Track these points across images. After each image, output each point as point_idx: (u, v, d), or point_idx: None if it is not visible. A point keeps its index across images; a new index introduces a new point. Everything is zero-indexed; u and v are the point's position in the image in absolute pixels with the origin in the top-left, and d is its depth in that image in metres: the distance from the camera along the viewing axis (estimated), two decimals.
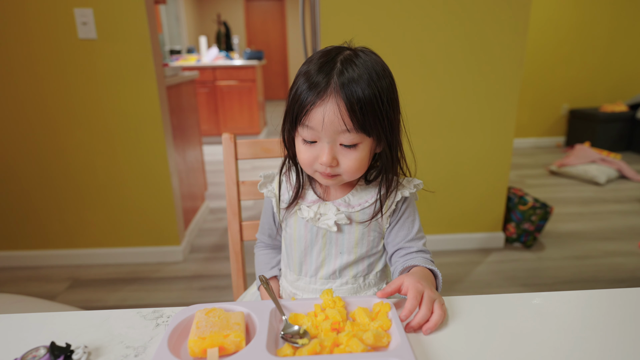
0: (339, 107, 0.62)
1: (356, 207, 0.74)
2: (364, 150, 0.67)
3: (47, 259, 2.14)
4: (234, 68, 4.60)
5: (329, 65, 0.64)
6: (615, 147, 4.10)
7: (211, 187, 3.24)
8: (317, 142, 0.66)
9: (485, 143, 2.08)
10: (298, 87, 0.65)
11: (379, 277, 0.80)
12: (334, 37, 1.87)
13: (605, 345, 0.53)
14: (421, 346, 0.54)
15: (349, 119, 0.62)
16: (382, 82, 0.65)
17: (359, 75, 0.63)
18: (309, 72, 0.65)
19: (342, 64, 0.64)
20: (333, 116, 0.62)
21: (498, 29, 1.90)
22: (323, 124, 0.63)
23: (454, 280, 1.97)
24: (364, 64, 0.64)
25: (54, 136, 1.97)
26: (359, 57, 0.65)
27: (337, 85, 0.62)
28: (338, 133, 0.64)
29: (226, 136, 0.93)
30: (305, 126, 0.65)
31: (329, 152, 0.65)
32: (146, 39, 1.86)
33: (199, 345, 0.50)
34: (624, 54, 4.27)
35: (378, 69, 0.66)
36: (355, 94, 0.62)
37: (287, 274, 0.80)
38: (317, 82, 0.63)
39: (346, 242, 0.75)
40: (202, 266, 2.12)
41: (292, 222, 0.77)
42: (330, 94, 0.62)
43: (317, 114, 0.63)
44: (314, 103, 0.63)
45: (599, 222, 2.58)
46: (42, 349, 0.50)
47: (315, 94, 0.63)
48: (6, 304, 1.17)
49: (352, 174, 0.68)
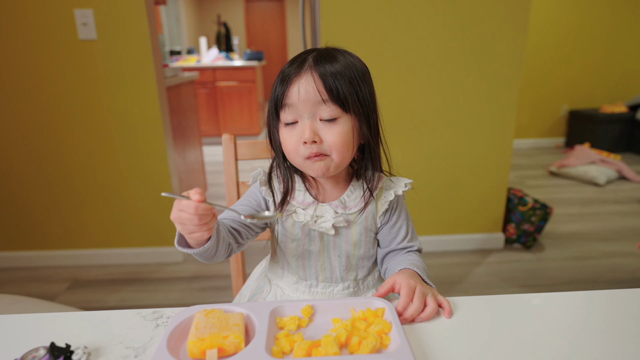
0: (313, 79, 0.65)
1: (352, 208, 0.74)
2: (346, 125, 0.67)
3: (47, 259, 2.14)
4: (233, 69, 4.61)
5: (304, 54, 0.69)
6: (615, 148, 4.11)
7: (211, 187, 3.24)
8: (297, 122, 0.67)
9: (485, 144, 2.08)
10: (274, 83, 0.69)
11: (377, 278, 0.80)
12: (334, 38, 1.87)
13: (605, 346, 0.53)
14: (421, 347, 0.54)
15: (324, 89, 0.65)
16: (357, 69, 0.68)
17: (335, 60, 0.67)
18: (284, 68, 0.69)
19: (318, 52, 0.68)
20: (308, 86, 0.65)
21: (498, 30, 1.90)
22: (299, 96, 0.65)
23: (453, 281, 1.97)
24: (340, 54, 0.69)
25: (54, 137, 1.97)
26: (335, 50, 0.70)
27: (311, 63, 0.66)
28: (315, 105, 0.65)
29: (226, 137, 0.93)
30: (284, 106, 0.67)
31: (310, 127, 0.66)
32: (146, 39, 1.86)
33: (198, 346, 0.50)
34: (624, 55, 4.27)
35: (354, 60, 0.69)
36: (330, 67, 0.65)
37: (286, 276, 0.79)
38: (291, 69, 0.67)
39: (344, 244, 0.75)
40: (201, 267, 2.12)
41: (287, 225, 0.75)
42: (306, 70, 0.66)
43: (294, 89, 0.66)
44: (289, 81, 0.66)
45: (598, 223, 2.58)
46: (41, 350, 0.50)
47: (292, 74, 0.66)
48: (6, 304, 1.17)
49: (339, 151, 0.67)
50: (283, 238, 0.76)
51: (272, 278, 0.82)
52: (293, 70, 0.67)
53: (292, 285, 0.78)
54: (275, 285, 0.81)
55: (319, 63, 0.66)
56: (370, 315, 0.58)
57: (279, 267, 0.81)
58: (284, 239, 0.76)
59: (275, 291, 0.80)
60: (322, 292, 0.76)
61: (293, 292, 0.78)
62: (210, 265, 2.13)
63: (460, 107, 2.01)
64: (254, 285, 0.87)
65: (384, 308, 0.59)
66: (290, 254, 0.76)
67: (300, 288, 0.77)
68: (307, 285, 0.77)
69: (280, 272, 0.80)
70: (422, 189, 2.12)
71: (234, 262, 0.98)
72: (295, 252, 0.76)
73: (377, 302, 0.60)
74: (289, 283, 0.78)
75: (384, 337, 0.54)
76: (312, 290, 0.77)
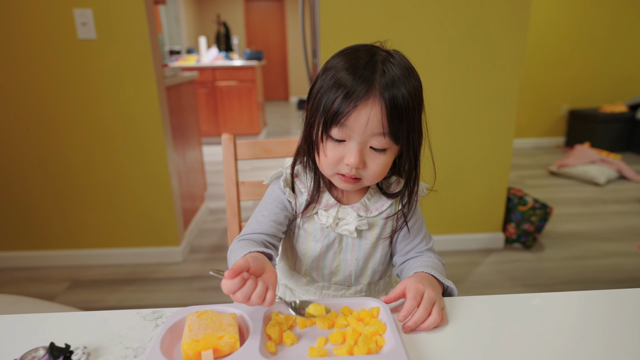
0: (381, 110, 0.60)
1: (374, 211, 0.73)
2: (390, 157, 0.66)
3: (46, 259, 2.14)
4: (233, 68, 4.60)
5: (368, 68, 0.61)
6: (615, 148, 4.10)
7: (211, 187, 3.24)
8: (345, 141, 0.63)
9: (485, 143, 2.08)
10: (330, 81, 0.62)
11: (387, 282, 0.80)
12: (334, 37, 1.87)
13: (605, 346, 0.53)
14: (417, 348, 0.53)
15: (387, 122, 0.61)
16: (418, 90, 0.65)
17: (399, 78, 0.62)
18: (342, 75, 0.61)
19: (383, 65, 0.62)
20: (374, 118, 0.60)
21: (498, 30, 1.90)
22: (360, 124, 0.61)
23: (453, 281, 1.95)
24: (408, 74, 0.63)
25: (53, 137, 1.97)
26: (402, 66, 0.64)
27: (381, 90, 0.60)
28: (373, 135, 0.62)
29: (226, 137, 0.92)
30: (340, 125, 0.62)
31: (358, 153, 0.63)
32: (146, 39, 1.86)
33: (193, 347, 0.50)
34: (624, 55, 4.27)
35: (417, 82, 0.65)
36: (397, 99, 0.61)
37: (296, 277, 0.78)
38: (356, 86, 0.60)
39: (363, 247, 0.73)
40: (201, 267, 2.12)
41: (307, 227, 0.73)
42: (374, 97, 0.60)
43: (358, 115, 0.60)
44: (356, 105, 0.60)
45: (598, 222, 2.58)
46: (41, 350, 0.50)
47: (357, 94, 0.60)
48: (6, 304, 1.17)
49: (374, 178, 0.66)
50: (301, 239, 0.75)
51: (281, 278, 0.81)
52: (359, 89, 0.60)
53: (302, 287, 0.77)
54: (284, 286, 0.80)
55: (389, 89, 0.60)
56: (365, 316, 0.58)
57: (289, 268, 0.79)
58: (303, 240, 0.75)
59: (284, 292, 0.79)
60: (334, 294, 0.75)
61: (303, 294, 0.77)
62: (210, 265, 2.13)
63: (460, 107, 2.01)
64: None
65: (379, 307, 0.59)
66: (306, 255, 0.75)
67: (311, 290, 0.76)
68: (319, 287, 0.76)
69: (291, 272, 0.79)
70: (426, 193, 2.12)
71: None
72: (312, 252, 0.74)
73: (372, 302, 0.60)
74: (300, 284, 0.77)
75: (378, 338, 0.54)
76: (324, 292, 0.76)
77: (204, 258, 2.21)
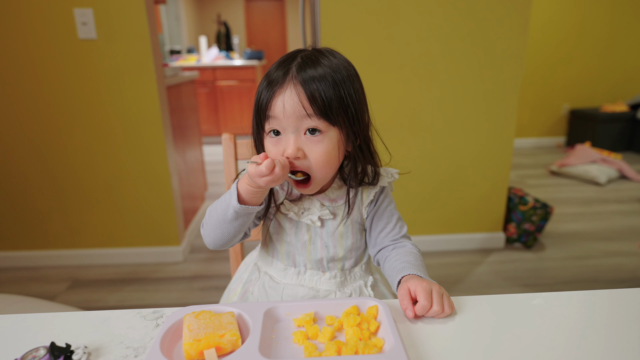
0: (297, 92, 0.64)
1: (339, 201, 0.75)
2: (331, 142, 0.67)
3: (47, 259, 2.14)
4: (234, 68, 4.61)
5: (289, 60, 0.67)
6: (615, 147, 4.10)
7: (211, 187, 3.24)
8: (282, 135, 0.67)
9: (486, 143, 2.08)
10: (260, 84, 0.68)
11: (364, 269, 0.81)
12: (334, 37, 1.87)
13: (605, 346, 0.53)
14: (417, 347, 0.53)
15: (309, 104, 0.63)
16: (342, 72, 0.67)
17: (317, 60, 0.65)
18: (270, 70, 0.68)
19: (302, 58, 0.66)
20: (292, 101, 0.64)
21: (499, 29, 1.90)
22: (283, 111, 0.64)
23: (454, 281, 1.97)
24: (326, 58, 0.67)
25: (53, 136, 1.97)
26: (321, 53, 0.68)
27: (294, 73, 0.64)
28: (300, 119, 0.64)
29: (226, 136, 0.93)
30: (268, 117, 0.66)
31: (294, 142, 0.65)
32: (146, 39, 1.86)
33: (194, 347, 0.50)
34: (624, 54, 4.27)
35: (340, 62, 0.68)
36: (314, 78, 0.64)
37: (275, 264, 0.80)
38: (277, 74, 0.66)
39: (330, 235, 0.76)
40: (202, 266, 2.12)
41: (280, 216, 0.77)
42: (289, 81, 0.64)
43: (278, 102, 0.64)
44: (273, 92, 0.65)
45: (599, 222, 2.58)
46: (42, 350, 0.50)
47: (276, 84, 0.65)
48: (6, 304, 1.17)
49: (321, 168, 0.67)
50: (273, 228, 0.78)
51: (262, 266, 0.83)
52: (278, 77, 0.65)
53: (280, 272, 0.79)
54: (264, 273, 0.81)
55: (302, 71, 0.64)
56: (365, 315, 0.58)
57: (268, 255, 0.81)
58: (274, 229, 0.78)
59: (264, 280, 0.80)
60: (310, 279, 0.77)
61: (282, 278, 0.79)
62: (211, 265, 2.13)
63: (460, 107, 2.01)
64: (244, 277, 0.87)
65: (377, 306, 0.59)
66: (280, 243, 0.78)
67: (288, 274, 0.78)
68: (296, 272, 0.78)
69: (270, 259, 0.81)
70: (422, 188, 2.12)
71: (234, 261, 0.99)
72: (284, 241, 0.77)
73: (371, 301, 0.60)
74: (278, 270, 0.79)
75: (378, 338, 0.54)
76: (300, 277, 0.78)
77: (204, 258, 2.22)
